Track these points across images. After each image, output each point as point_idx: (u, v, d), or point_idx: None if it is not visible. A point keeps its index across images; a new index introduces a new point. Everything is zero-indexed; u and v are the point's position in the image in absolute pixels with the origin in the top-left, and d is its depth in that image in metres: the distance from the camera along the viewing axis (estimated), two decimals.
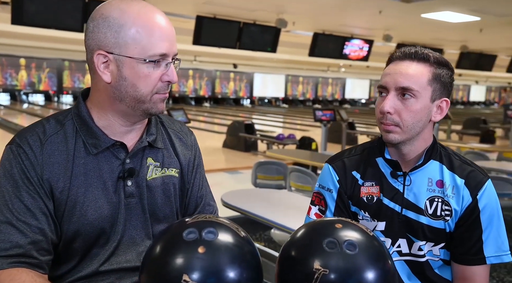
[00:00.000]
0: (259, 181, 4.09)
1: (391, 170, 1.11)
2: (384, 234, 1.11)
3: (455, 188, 1.07)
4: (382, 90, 1.06)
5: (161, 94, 0.92)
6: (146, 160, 0.98)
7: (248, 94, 24.37)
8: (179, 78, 20.73)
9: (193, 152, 1.07)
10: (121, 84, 0.90)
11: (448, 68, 1.05)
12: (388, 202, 1.10)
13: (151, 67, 0.89)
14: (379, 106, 1.06)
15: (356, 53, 9.33)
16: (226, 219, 0.68)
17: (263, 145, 8.31)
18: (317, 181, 1.21)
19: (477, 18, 6.92)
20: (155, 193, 0.98)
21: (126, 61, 0.88)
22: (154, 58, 0.89)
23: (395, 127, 1.04)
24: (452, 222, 1.06)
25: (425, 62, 1.03)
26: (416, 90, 1.01)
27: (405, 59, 1.04)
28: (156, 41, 0.88)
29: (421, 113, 1.03)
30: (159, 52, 0.89)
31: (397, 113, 1.03)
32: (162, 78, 0.91)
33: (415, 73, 1.02)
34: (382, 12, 6.62)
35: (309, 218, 1.18)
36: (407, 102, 1.02)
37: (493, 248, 1.04)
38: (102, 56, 0.89)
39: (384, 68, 1.10)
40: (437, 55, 1.04)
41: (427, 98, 1.03)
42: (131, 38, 0.87)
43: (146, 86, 0.90)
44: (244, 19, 7.39)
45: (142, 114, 0.94)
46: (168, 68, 0.91)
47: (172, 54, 0.91)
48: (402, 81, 1.02)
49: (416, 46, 1.06)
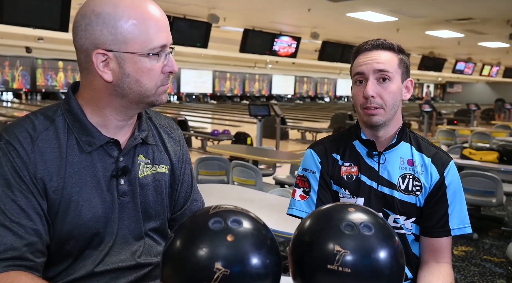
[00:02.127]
0: (201, 177, 4.07)
1: (367, 150, 1.21)
2: None
3: (423, 166, 1.19)
4: (360, 77, 1.17)
5: (164, 86, 0.90)
6: (137, 157, 0.95)
7: (175, 91, 23.94)
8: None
9: (181, 147, 1.05)
10: (123, 82, 0.86)
11: (406, 54, 1.20)
12: (366, 179, 1.20)
13: (153, 60, 0.86)
14: (360, 93, 1.16)
15: (285, 50, 9.56)
16: (244, 209, 0.69)
17: (197, 141, 8.24)
18: (300, 166, 1.29)
19: (394, 19, 7.46)
20: (147, 190, 0.96)
21: (128, 57, 0.84)
22: (156, 51, 0.86)
23: (379, 110, 1.15)
24: (422, 197, 1.18)
25: (391, 50, 1.17)
26: (391, 72, 1.14)
27: (374, 49, 1.17)
28: (155, 32, 0.85)
29: (397, 93, 1.16)
30: (159, 44, 0.86)
31: (379, 96, 1.14)
32: (164, 69, 0.88)
33: (387, 59, 1.15)
34: (311, 10, 6.87)
35: (294, 200, 1.26)
36: (385, 84, 1.14)
37: (456, 221, 1.17)
38: (101, 55, 0.84)
39: (353, 61, 1.20)
40: (397, 44, 1.19)
41: (399, 80, 1.17)
42: (129, 33, 0.84)
43: (150, 80, 0.87)
44: (174, 13, 7.24)
45: (144, 107, 0.92)
46: (168, 59, 0.89)
47: (169, 43, 0.89)
48: (378, 65, 1.14)
49: (380, 38, 1.19)
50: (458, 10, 6.71)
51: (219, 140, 7.43)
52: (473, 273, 3.09)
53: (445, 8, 6.57)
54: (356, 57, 1.19)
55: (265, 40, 8.99)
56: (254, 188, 3.60)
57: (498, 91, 28.97)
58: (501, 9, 6.63)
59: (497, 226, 4.13)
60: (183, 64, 21.19)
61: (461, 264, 3.21)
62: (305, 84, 29.22)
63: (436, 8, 6.56)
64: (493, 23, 7.69)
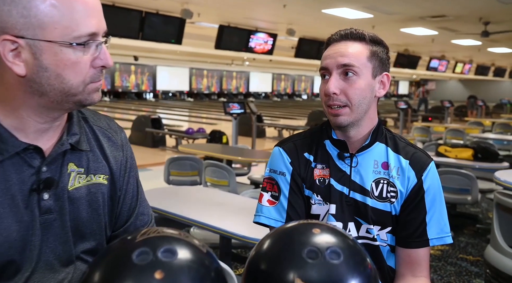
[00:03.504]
0: (172, 177, 3.90)
1: (338, 152, 1.09)
2: (335, 217, 1.07)
3: (400, 169, 1.06)
4: (324, 72, 1.05)
5: (96, 83, 0.75)
6: (67, 166, 0.79)
7: (151, 88, 23.50)
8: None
9: (125, 152, 0.90)
10: (41, 77, 0.70)
11: (383, 46, 1.06)
12: (336, 184, 1.07)
13: (78, 51, 0.71)
14: (323, 89, 1.04)
15: (261, 47, 9.44)
16: (180, 231, 0.56)
17: (172, 140, 8.04)
18: (267, 167, 1.14)
19: (370, 15, 7.43)
20: (79, 205, 0.80)
21: (45, 46, 0.69)
22: (82, 40, 0.71)
23: (344, 109, 1.02)
24: (398, 204, 1.06)
25: (361, 41, 1.04)
26: (357, 66, 1.01)
27: (342, 40, 1.04)
28: (82, 17, 0.70)
29: (366, 90, 1.03)
30: (87, 32, 0.71)
31: (343, 93, 1.02)
32: (94, 63, 0.73)
33: (354, 52, 1.02)
34: (286, 6, 6.76)
35: (262, 205, 1.11)
36: (351, 80, 1.02)
37: (435, 229, 1.05)
38: (9, 42, 0.68)
39: (323, 53, 1.08)
40: (372, 34, 1.05)
41: (368, 75, 1.03)
42: (47, 16, 0.68)
43: (75, 76, 0.72)
44: (146, 8, 7.02)
45: (71, 107, 0.76)
46: (100, 51, 0.73)
47: (102, 31, 0.74)
48: (342, 59, 1.02)
49: (351, 28, 1.06)
50: (432, 7, 6.72)
51: (194, 138, 7.25)
52: (450, 272, 3.04)
53: (419, 5, 6.58)
54: (326, 49, 1.07)
55: (241, 36, 8.85)
56: (228, 189, 3.47)
57: (470, 89, 29.63)
58: (474, 7, 6.67)
59: (472, 223, 4.12)
60: (158, 61, 20.81)
61: (438, 263, 3.16)
62: (282, 81, 29.18)
63: (411, 5, 6.56)
64: (466, 21, 7.76)
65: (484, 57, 15.63)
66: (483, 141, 5.51)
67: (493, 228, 2.15)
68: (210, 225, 2.13)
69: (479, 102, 13.51)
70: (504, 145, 6.27)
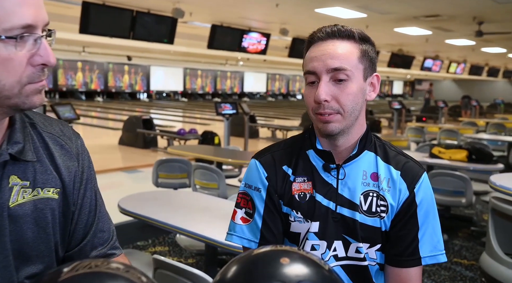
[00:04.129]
0: (160, 180, 3.81)
1: (323, 163, 0.98)
2: (318, 236, 0.97)
3: (390, 181, 0.96)
4: (312, 77, 0.94)
5: (36, 84, 0.65)
6: (8, 179, 0.70)
7: (145, 88, 23.34)
8: (66, 71, 18.94)
9: (81, 161, 0.80)
10: None
11: (371, 43, 0.96)
12: (322, 199, 0.97)
13: (10, 46, 0.61)
14: (311, 95, 0.93)
15: (254, 47, 9.36)
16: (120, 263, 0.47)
17: (164, 141, 7.94)
18: (243, 180, 1.04)
19: (363, 15, 7.37)
20: (23, 224, 0.71)
21: None
22: (14, 33, 0.61)
23: (335, 116, 0.92)
24: (388, 219, 0.96)
25: (350, 39, 0.93)
26: (349, 70, 0.91)
27: (329, 39, 0.93)
28: (13, 5, 0.60)
29: (358, 94, 0.93)
30: (20, 23, 0.61)
31: (334, 100, 0.91)
32: (32, 60, 0.63)
33: (344, 52, 0.91)
34: (279, 6, 6.68)
35: (235, 223, 1.01)
36: (343, 85, 0.91)
37: (428, 247, 0.95)
38: None
39: (305, 53, 0.97)
40: (360, 30, 0.95)
41: (360, 78, 0.93)
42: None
43: (8, 75, 0.62)
44: (137, 7, 6.91)
45: (7, 111, 0.67)
46: (39, 46, 0.64)
47: (41, 24, 0.64)
48: (332, 62, 0.90)
49: (336, 24, 0.95)
50: (426, 6, 6.67)
51: (185, 139, 7.15)
52: (444, 277, 2.97)
53: (413, 4, 6.52)
54: (309, 49, 0.95)
55: (234, 36, 8.76)
56: (217, 192, 3.38)
57: (464, 89, 29.70)
58: (467, 6, 6.63)
59: (466, 226, 4.06)
60: (152, 61, 20.67)
61: (431, 268, 3.09)
62: (277, 81, 29.11)
63: (405, 4, 6.50)
64: (460, 20, 7.72)
65: (478, 57, 15.63)
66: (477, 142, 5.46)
67: (489, 235, 2.08)
68: (195, 233, 2.05)
69: (473, 102, 13.51)
70: (499, 145, 6.23)
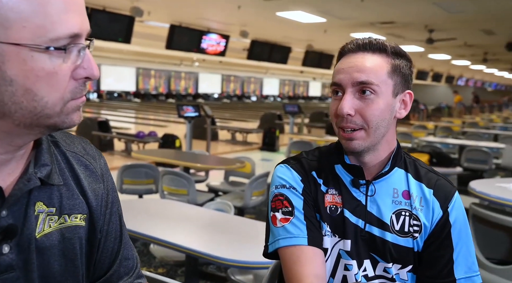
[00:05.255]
0: (125, 186, 3.64)
1: (351, 178, 0.95)
2: (350, 255, 0.93)
3: (423, 200, 0.93)
4: (337, 88, 0.91)
5: (77, 100, 0.57)
6: (33, 206, 0.61)
7: (95, 88, 22.45)
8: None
9: (105, 183, 0.72)
10: (3, 92, 0.52)
11: (407, 59, 0.93)
12: (350, 216, 0.93)
13: (56, 58, 0.53)
14: (334, 108, 0.90)
15: (213, 48, 9.26)
16: None
17: (120, 144, 7.65)
18: (271, 186, 0.98)
19: (323, 20, 7.50)
20: (50, 256, 0.62)
21: (10, 51, 0.51)
22: (61, 43, 0.53)
23: (359, 132, 0.89)
24: (421, 239, 0.93)
25: (382, 53, 0.90)
26: (376, 84, 0.88)
27: (359, 51, 0.90)
28: (59, 13, 0.52)
29: (385, 111, 0.89)
30: (67, 33, 0.53)
31: (358, 114, 0.88)
32: (76, 74, 0.55)
33: (373, 66, 0.88)
34: (241, 8, 6.65)
35: (277, 227, 0.92)
36: (368, 99, 0.88)
37: (463, 268, 0.92)
38: None
39: (335, 64, 0.94)
40: (394, 44, 0.92)
41: (389, 93, 0.90)
42: (13, 10, 0.50)
43: (51, 91, 0.53)
44: (92, 4, 6.61)
45: (43, 132, 0.58)
46: (83, 57, 0.55)
47: (85, 33, 0.56)
48: (359, 75, 0.88)
49: (369, 37, 0.92)
50: (383, 13, 6.90)
51: (144, 142, 6.93)
52: None
53: (371, 11, 6.72)
54: (339, 61, 0.93)
55: (192, 37, 8.61)
56: (187, 198, 3.28)
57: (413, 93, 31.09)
58: (421, 15, 6.93)
59: None
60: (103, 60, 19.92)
61: None
62: (232, 83, 29.07)
63: (364, 11, 6.68)
64: (412, 28, 8.06)
65: (424, 63, 16.46)
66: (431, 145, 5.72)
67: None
68: (175, 243, 1.95)
69: (421, 106, 14.18)
70: (450, 148, 6.54)
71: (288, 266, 0.89)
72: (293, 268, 0.87)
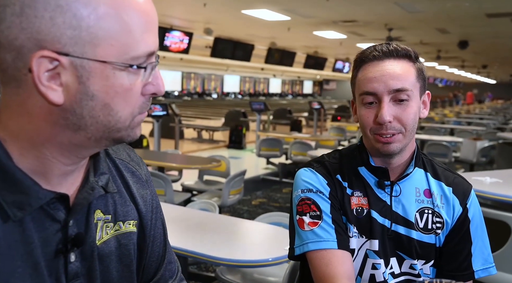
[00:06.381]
0: None
1: (376, 180, 0.98)
2: (378, 255, 0.97)
3: (443, 197, 0.99)
4: (370, 97, 0.93)
5: (142, 115, 0.57)
6: (93, 214, 0.61)
7: None
8: None
9: (150, 188, 0.72)
10: (83, 106, 0.51)
11: (420, 61, 0.97)
12: (377, 216, 0.96)
13: (133, 75, 0.53)
14: (370, 116, 0.93)
15: (176, 45, 9.14)
16: None
17: None
18: (296, 189, 0.99)
19: (287, 18, 7.59)
20: (109, 263, 0.62)
21: (96, 68, 0.50)
22: (140, 61, 0.53)
23: (397, 136, 0.92)
24: (443, 235, 0.98)
25: (406, 58, 0.94)
26: (410, 90, 0.92)
27: (386, 58, 0.92)
28: (141, 32, 0.52)
29: (417, 113, 0.95)
30: (146, 51, 0.53)
31: (396, 120, 0.92)
32: (145, 90, 0.55)
33: (404, 72, 0.92)
34: (207, 5, 6.60)
35: (305, 231, 0.94)
36: (404, 105, 0.92)
37: (480, 260, 0.98)
38: (47, 60, 0.48)
39: (357, 72, 0.96)
40: (413, 48, 0.96)
41: (418, 96, 0.95)
42: (103, 29, 0.50)
43: (125, 106, 0.54)
44: None
45: (108, 144, 0.58)
46: (152, 74, 0.56)
47: (156, 50, 0.56)
48: (394, 83, 0.90)
49: (388, 43, 0.95)
50: (345, 12, 7.07)
51: None
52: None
53: (334, 10, 6.87)
54: (361, 68, 0.94)
55: None
56: (164, 198, 3.25)
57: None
58: (381, 14, 7.16)
59: None
60: None
61: None
62: (192, 80, 28.77)
63: (327, 9, 6.82)
64: (373, 26, 8.32)
65: None
66: None
67: None
68: None
69: None
70: None
71: (319, 269, 0.92)
72: (325, 270, 0.90)
